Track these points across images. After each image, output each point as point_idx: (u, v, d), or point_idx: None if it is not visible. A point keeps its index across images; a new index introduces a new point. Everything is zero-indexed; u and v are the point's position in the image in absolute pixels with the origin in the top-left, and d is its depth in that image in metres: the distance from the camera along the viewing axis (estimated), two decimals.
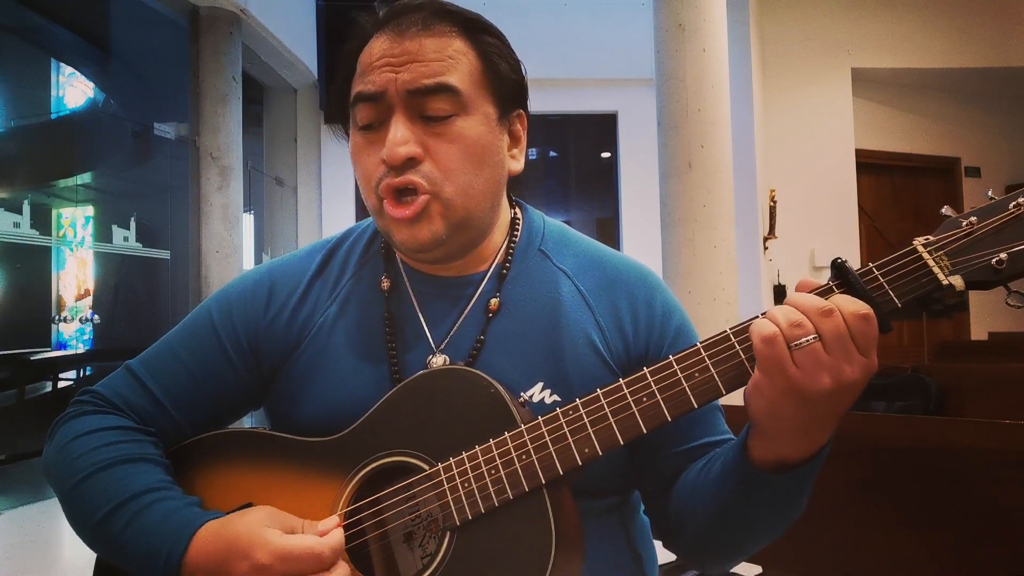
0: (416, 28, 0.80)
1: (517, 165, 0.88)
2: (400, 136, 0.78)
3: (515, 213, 0.93)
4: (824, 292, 0.67)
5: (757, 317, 0.67)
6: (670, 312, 0.89)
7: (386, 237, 0.86)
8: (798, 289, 0.68)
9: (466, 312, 0.87)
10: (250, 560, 0.70)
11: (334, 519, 0.75)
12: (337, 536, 0.73)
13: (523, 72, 0.87)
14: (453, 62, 0.80)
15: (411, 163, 0.79)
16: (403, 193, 0.80)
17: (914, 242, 0.67)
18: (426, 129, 0.80)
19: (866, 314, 0.63)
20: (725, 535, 0.78)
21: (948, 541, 1.63)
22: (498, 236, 0.90)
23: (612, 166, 6.88)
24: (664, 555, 0.96)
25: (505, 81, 0.84)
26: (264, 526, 0.73)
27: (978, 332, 6.29)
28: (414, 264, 0.89)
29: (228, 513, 0.79)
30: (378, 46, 0.81)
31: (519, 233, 0.91)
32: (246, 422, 1.08)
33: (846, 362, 0.63)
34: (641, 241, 6.13)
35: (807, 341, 0.62)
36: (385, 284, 0.90)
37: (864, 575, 1.79)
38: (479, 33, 0.83)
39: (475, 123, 0.81)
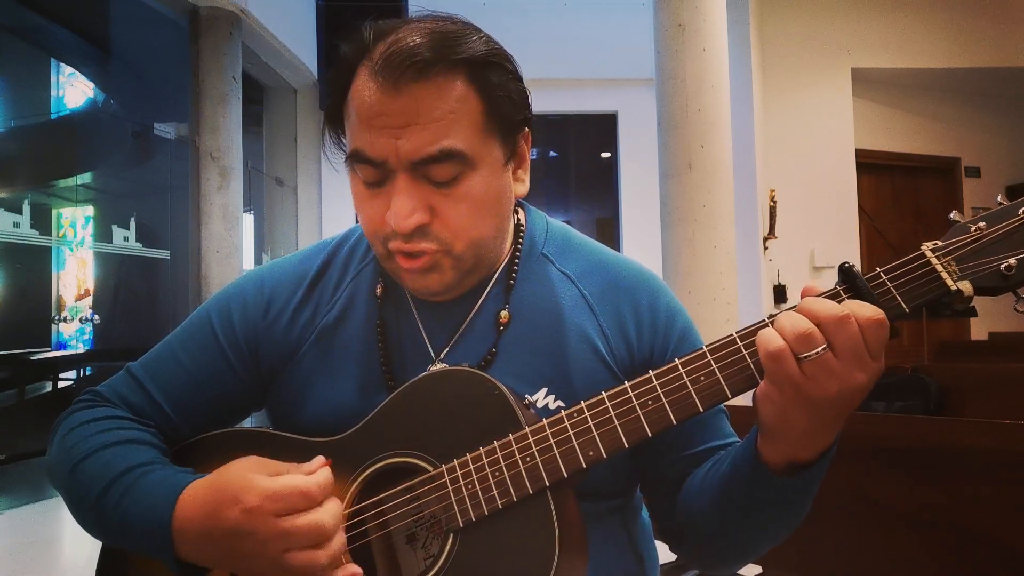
0: (412, 75, 0.73)
1: (523, 188, 0.86)
2: (407, 207, 0.75)
3: (518, 218, 0.92)
4: (831, 298, 0.66)
5: (764, 323, 0.67)
6: (674, 316, 0.88)
7: (395, 278, 0.85)
8: (804, 295, 0.67)
9: (468, 320, 0.86)
10: (240, 504, 0.69)
11: (320, 459, 0.75)
12: (324, 474, 0.73)
13: (527, 98, 0.83)
14: (455, 117, 0.75)
15: (419, 229, 0.77)
16: (413, 253, 0.78)
17: (922, 247, 0.66)
18: (432, 190, 0.77)
19: (881, 320, 0.62)
20: (733, 537, 0.78)
21: (948, 541, 1.63)
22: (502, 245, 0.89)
23: (612, 166, 6.88)
24: (664, 556, 0.97)
25: (510, 120, 0.80)
26: (250, 471, 0.72)
27: (978, 332, 6.29)
28: None
29: None
30: (372, 95, 0.75)
31: (523, 240, 0.90)
32: (247, 422, 1.08)
33: (857, 369, 0.63)
34: (641, 241, 6.13)
35: (816, 353, 0.62)
36: (379, 290, 0.89)
37: (864, 575, 1.79)
38: (481, 70, 0.77)
39: (482, 176, 0.78)
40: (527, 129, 0.85)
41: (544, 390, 0.82)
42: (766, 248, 5.70)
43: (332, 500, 0.72)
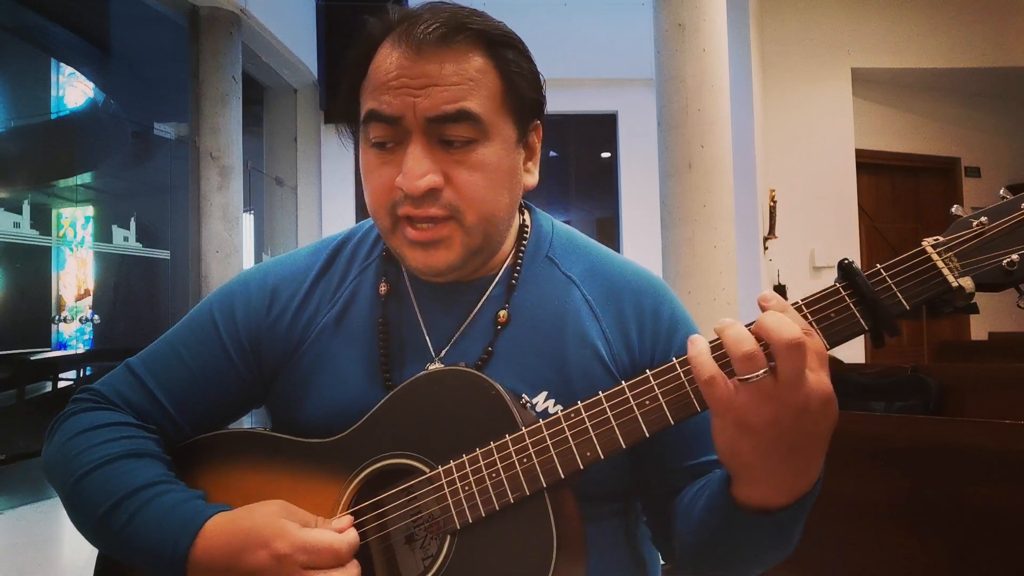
0: (434, 43, 0.75)
1: (532, 180, 0.86)
2: (420, 168, 0.75)
3: (523, 219, 0.91)
4: (828, 296, 0.65)
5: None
6: (677, 323, 0.87)
7: (398, 258, 0.84)
8: (759, 303, 0.65)
9: (469, 320, 0.85)
10: (269, 549, 0.70)
11: (349, 518, 0.75)
12: (353, 535, 0.73)
13: (542, 84, 0.84)
14: (474, 84, 0.76)
15: (431, 193, 0.76)
16: (423, 220, 0.77)
17: (923, 243, 0.65)
18: (446, 155, 0.76)
19: (793, 343, 0.58)
20: (715, 563, 0.77)
21: (947, 541, 1.64)
22: (507, 243, 0.88)
23: (612, 166, 6.88)
24: None
25: (525, 100, 0.81)
26: (281, 518, 0.73)
27: (978, 332, 6.29)
28: None
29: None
30: (394, 60, 0.76)
31: (527, 240, 0.89)
32: (246, 422, 1.08)
33: (781, 395, 0.60)
34: (641, 241, 6.13)
35: (756, 376, 0.60)
36: (383, 289, 0.88)
37: (863, 575, 1.79)
38: (500, 48, 0.79)
39: (495, 149, 0.78)
40: (539, 123, 0.85)
41: (544, 393, 0.82)
42: (766, 248, 5.70)
43: (354, 563, 0.73)
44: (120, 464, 0.79)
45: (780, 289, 5.74)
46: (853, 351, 5.31)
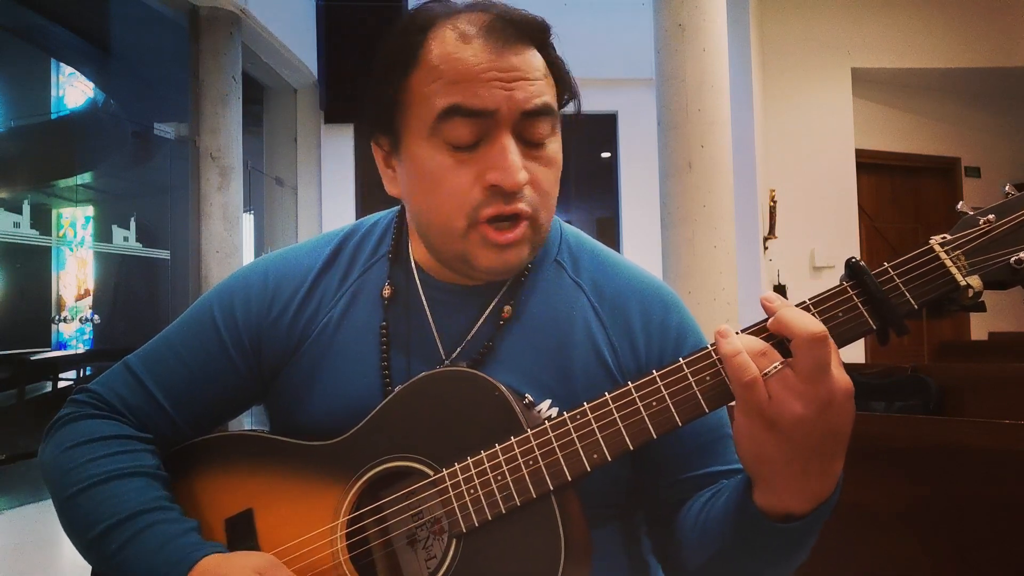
0: (512, 39, 0.75)
1: None
2: (518, 161, 0.74)
3: None
4: (836, 295, 0.65)
5: (762, 324, 0.66)
6: (685, 333, 0.86)
7: (460, 261, 0.79)
8: (763, 303, 0.65)
9: (480, 322, 0.84)
10: None
11: None
12: None
13: (575, 85, 0.84)
14: (548, 81, 0.78)
15: (521, 190, 0.75)
16: (507, 219, 0.76)
17: (931, 241, 0.64)
18: (526, 152, 0.76)
19: (818, 337, 0.60)
20: (721, 573, 0.76)
21: (947, 541, 1.64)
22: None
23: (612, 166, 6.88)
24: None
25: (569, 98, 0.82)
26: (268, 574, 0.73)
27: (978, 332, 6.29)
28: (429, 271, 0.87)
29: (229, 532, 0.79)
30: (477, 53, 0.74)
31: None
32: (246, 421, 1.07)
33: (799, 395, 0.61)
34: (641, 241, 6.12)
35: (775, 368, 0.61)
36: (386, 292, 0.87)
37: (863, 575, 1.79)
38: (548, 48, 0.80)
39: (558, 146, 0.79)
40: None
41: (548, 402, 0.80)
42: (766, 248, 5.69)
43: None
44: (114, 484, 0.78)
45: (780, 289, 5.74)
46: (853, 351, 5.31)
